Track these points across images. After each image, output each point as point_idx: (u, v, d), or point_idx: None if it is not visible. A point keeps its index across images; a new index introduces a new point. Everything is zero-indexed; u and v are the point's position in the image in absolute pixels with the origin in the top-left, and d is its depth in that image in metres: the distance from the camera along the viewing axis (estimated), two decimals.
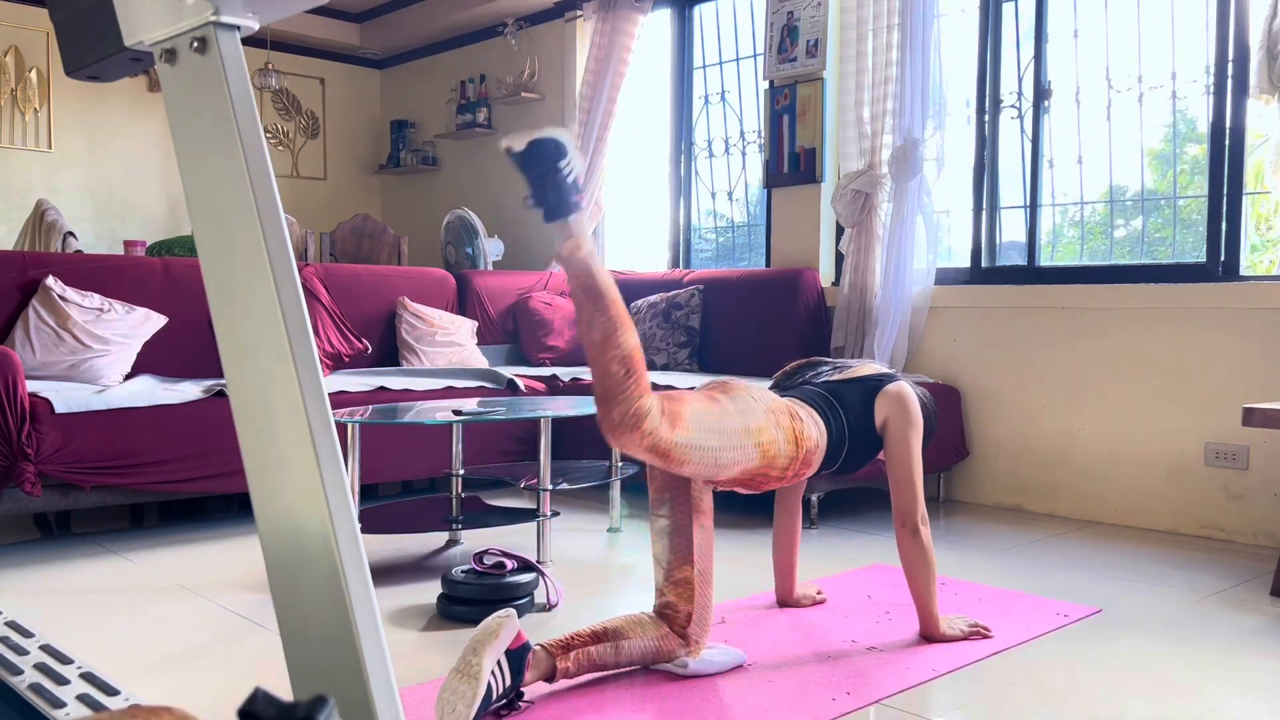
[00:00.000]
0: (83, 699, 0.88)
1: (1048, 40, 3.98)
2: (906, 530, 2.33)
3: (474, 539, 3.38)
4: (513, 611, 1.93)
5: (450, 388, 4.11)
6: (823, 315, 4.40)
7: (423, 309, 4.73)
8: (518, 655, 1.89)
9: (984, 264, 4.17)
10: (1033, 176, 4.03)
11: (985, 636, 2.37)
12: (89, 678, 0.93)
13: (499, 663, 1.86)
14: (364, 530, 2.93)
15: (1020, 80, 4.06)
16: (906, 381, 2.47)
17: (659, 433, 1.91)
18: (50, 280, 3.70)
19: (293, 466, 0.68)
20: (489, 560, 2.58)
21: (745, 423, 2.06)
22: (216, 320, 0.73)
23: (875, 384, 2.38)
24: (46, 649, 0.99)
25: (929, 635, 2.36)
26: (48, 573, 2.92)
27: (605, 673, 2.10)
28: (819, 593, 2.67)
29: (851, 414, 2.32)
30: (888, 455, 2.37)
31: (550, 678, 1.99)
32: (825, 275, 4.55)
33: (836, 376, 2.42)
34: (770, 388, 2.46)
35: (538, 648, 1.98)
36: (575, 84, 5.72)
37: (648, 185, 5.64)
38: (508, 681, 1.87)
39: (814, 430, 2.21)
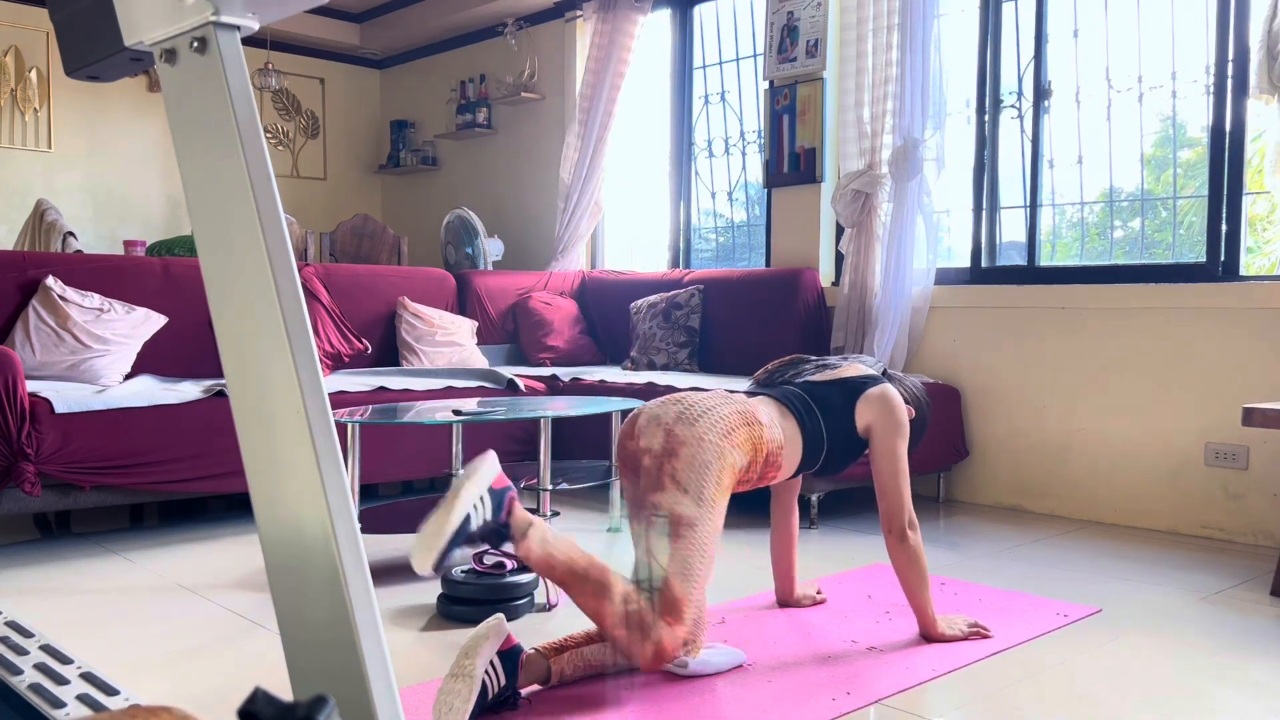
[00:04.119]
0: (83, 699, 0.88)
1: (1048, 40, 3.98)
2: (893, 537, 2.32)
3: None
4: (501, 616, 1.95)
5: (450, 388, 4.11)
6: (823, 315, 4.40)
7: (423, 309, 4.73)
8: (510, 656, 1.92)
9: (984, 264, 4.17)
10: (1033, 176, 4.03)
11: (985, 636, 2.37)
12: (89, 678, 0.93)
13: (492, 663, 1.88)
14: (364, 530, 2.93)
15: (1020, 80, 4.06)
16: (893, 384, 2.45)
17: (678, 637, 1.97)
18: (50, 280, 3.70)
19: (293, 466, 0.68)
20: (489, 560, 2.58)
21: (714, 513, 2.05)
22: (216, 320, 0.73)
23: (859, 386, 2.36)
24: (46, 649, 0.99)
25: (928, 636, 2.36)
26: (48, 573, 2.92)
27: (603, 674, 2.10)
28: (819, 592, 2.66)
29: (831, 416, 2.30)
30: (872, 461, 2.35)
31: (545, 680, 2.00)
32: (825, 275, 4.55)
33: (817, 377, 2.40)
34: (749, 387, 2.45)
35: (531, 651, 1.99)
36: (575, 84, 5.72)
37: (648, 185, 5.64)
38: (502, 681, 1.89)
39: (777, 433, 2.20)
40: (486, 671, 1.86)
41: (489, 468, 1.92)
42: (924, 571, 2.32)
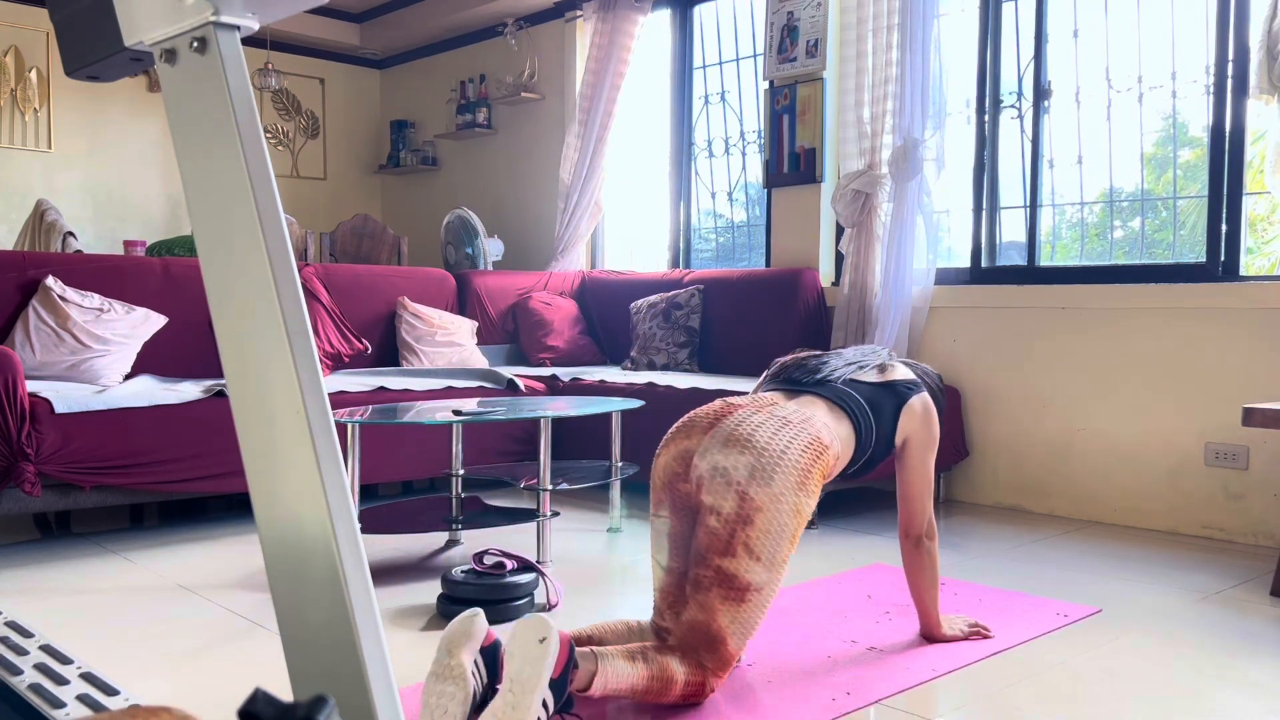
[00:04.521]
0: (83, 699, 0.88)
1: (1048, 40, 3.98)
2: (909, 542, 2.31)
3: (474, 539, 3.38)
4: (479, 611, 1.86)
5: (450, 388, 4.11)
6: (823, 315, 4.40)
7: (423, 309, 4.73)
8: (491, 652, 1.85)
9: (984, 264, 4.17)
10: (1033, 176, 4.03)
11: (985, 636, 2.37)
12: (89, 678, 0.93)
13: (475, 662, 1.82)
14: (364, 530, 2.93)
15: (1020, 80, 4.06)
16: (924, 387, 2.41)
17: (722, 680, 1.96)
18: (50, 280, 3.70)
19: (293, 466, 0.68)
20: (489, 560, 2.58)
21: (784, 572, 1.97)
22: (216, 320, 0.73)
23: (905, 393, 2.29)
24: (46, 649, 0.99)
25: (929, 636, 2.36)
26: (48, 573, 2.92)
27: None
28: None
29: (881, 421, 2.22)
30: (901, 468, 2.32)
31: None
32: (825, 275, 4.55)
33: (868, 378, 2.29)
34: (771, 378, 2.33)
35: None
36: (575, 84, 5.72)
37: (648, 185, 5.64)
38: (485, 680, 1.83)
39: (837, 446, 2.08)
40: (473, 671, 1.79)
41: (548, 659, 1.73)
42: (935, 578, 2.31)
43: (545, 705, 1.73)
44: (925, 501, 2.31)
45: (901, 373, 2.36)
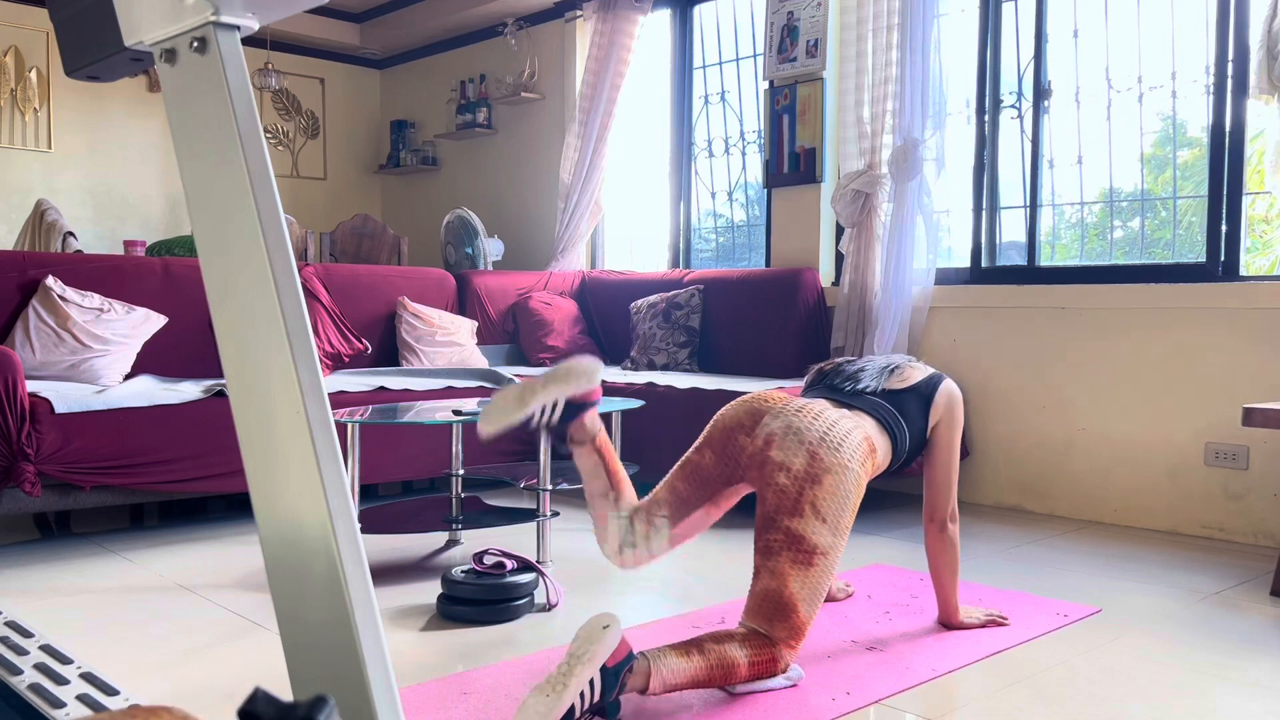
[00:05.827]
0: (82, 699, 0.88)
1: (1048, 40, 3.98)
2: (934, 526, 2.38)
3: (474, 539, 3.38)
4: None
5: (450, 388, 4.11)
6: (823, 315, 4.40)
7: (423, 309, 4.73)
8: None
9: (984, 264, 4.17)
10: (1033, 176, 4.03)
11: (1002, 624, 2.42)
12: (89, 678, 0.93)
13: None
14: (364, 530, 2.93)
15: (1020, 80, 4.06)
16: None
17: (796, 653, 2.00)
18: (50, 280, 3.70)
19: (293, 466, 0.68)
20: (489, 560, 2.58)
21: (844, 541, 2.04)
22: (216, 320, 0.73)
23: (930, 391, 2.36)
24: (46, 649, 0.99)
25: (948, 624, 2.42)
26: (48, 573, 2.92)
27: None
28: (847, 585, 2.75)
29: (910, 424, 2.31)
30: (930, 455, 2.39)
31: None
32: (825, 275, 4.55)
33: (893, 385, 2.36)
34: (811, 385, 2.42)
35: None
36: (575, 84, 5.72)
37: (648, 185, 5.64)
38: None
39: (880, 455, 2.20)
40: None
41: (606, 645, 1.76)
42: (955, 563, 2.38)
43: (592, 686, 1.75)
44: (951, 485, 2.38)
45: (922, 373, 2.43)
